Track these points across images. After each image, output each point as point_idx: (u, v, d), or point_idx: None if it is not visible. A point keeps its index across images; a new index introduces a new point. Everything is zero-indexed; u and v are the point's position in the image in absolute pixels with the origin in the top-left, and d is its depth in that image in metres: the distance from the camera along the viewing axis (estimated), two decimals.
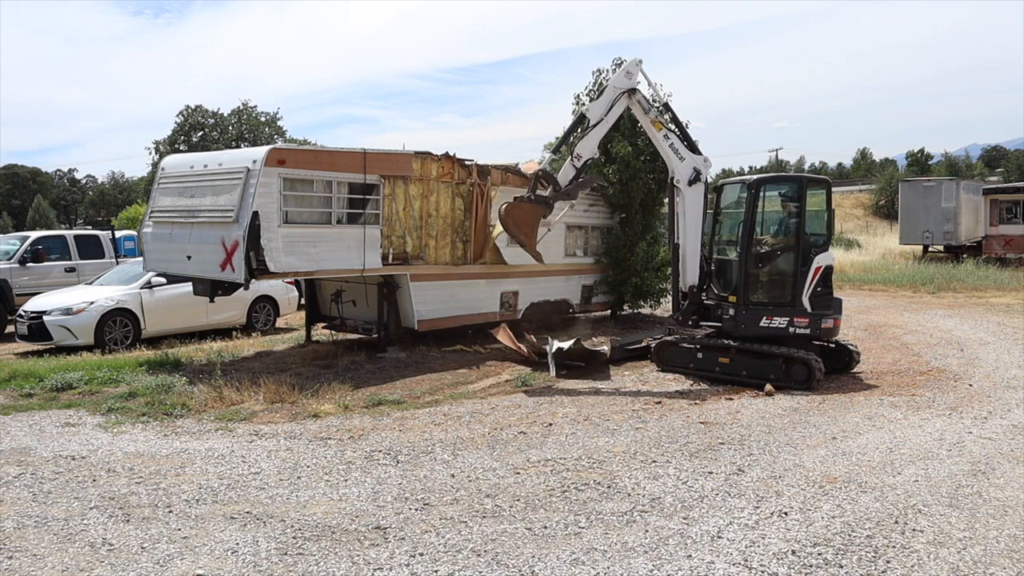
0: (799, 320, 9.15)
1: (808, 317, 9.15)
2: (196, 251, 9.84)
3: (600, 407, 8.15)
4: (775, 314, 9.23)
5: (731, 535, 4.77)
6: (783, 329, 9.16)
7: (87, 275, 15.03)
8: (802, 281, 9.15)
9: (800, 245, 9.22)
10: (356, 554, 4.55)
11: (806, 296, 9.17)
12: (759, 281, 9.53)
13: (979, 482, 5.69)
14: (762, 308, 9.33)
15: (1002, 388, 8.81)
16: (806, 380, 8.87)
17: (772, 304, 9.37)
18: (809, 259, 9.20)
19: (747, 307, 9.32)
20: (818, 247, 9.35)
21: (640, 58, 10.06)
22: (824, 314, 9.19)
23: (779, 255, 9.53)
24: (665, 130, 9.94)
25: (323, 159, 9.87)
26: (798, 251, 9.21)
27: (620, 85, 9.96)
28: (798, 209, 9.31)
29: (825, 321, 9.17)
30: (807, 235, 9.36)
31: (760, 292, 9.52)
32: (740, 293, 9.35)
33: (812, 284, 9.18)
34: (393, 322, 11.08)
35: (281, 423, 7.58)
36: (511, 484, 5.73)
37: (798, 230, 9.26)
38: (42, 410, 8.24)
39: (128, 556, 4.56)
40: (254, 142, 54.58)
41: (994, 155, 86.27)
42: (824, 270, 9.28)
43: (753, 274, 9.46)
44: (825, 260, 9.31)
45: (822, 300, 9.27)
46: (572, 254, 13.51)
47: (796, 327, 9.15)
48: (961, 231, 26.18)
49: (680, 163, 9.85)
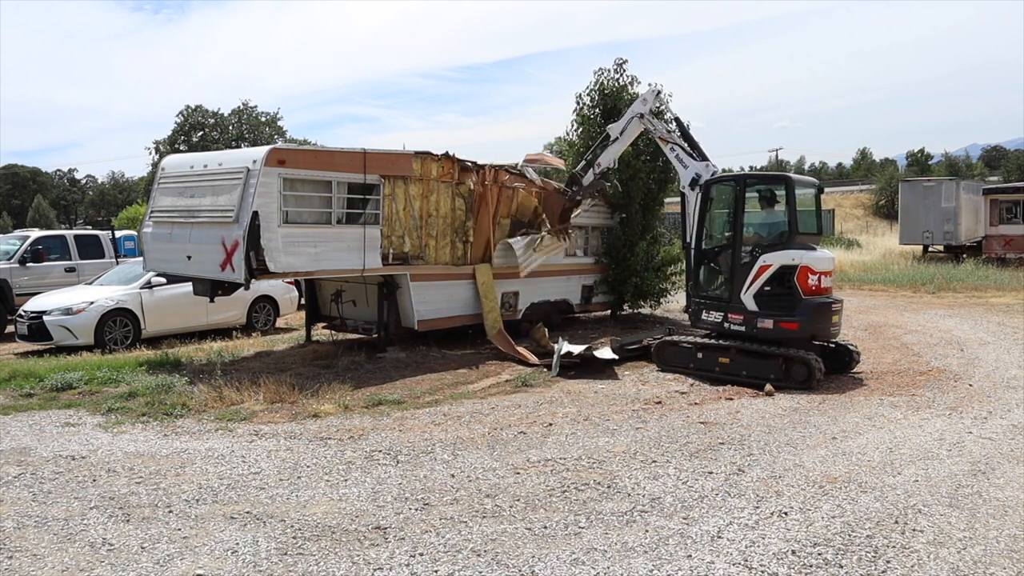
0: (733, 316, 9.53)
1: (743, 315, 9.39)
2: (196, 251, 9.83)
3: (600, 407, 8.15)
4: (712, 308, 9.83)
5: (731, 535, 4.77)
6: (718, 324, 9.69)
7: (87, 275, 15.03)
8: (741, 278, 9.40)
9: (738, 243, 9.55)
10: (356, 554, 4.55)
11: (747, 294, 9.34)
12: (705, 276, 10.21)
13: (979, 482, 5.69)
14: (705, 302, 9.97)
15: (1002, 388, 8.81)
16: (806, 380, 8.88)
17: (712, 299, 9.92)
18: (754, 257, 9.36)
19: (697, 300, 10.08)
20: (765, 246, 9.41)
21: (660, 88, 11.70)
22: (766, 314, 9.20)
23: (719, 253, 10.02)
24: (671, 144, 11.14)
25: (323, 159, 9.87)
26: (736, 249, 9.57)
27: (636, 110, 11.68)
28: (735, 208, 9.74)
29: (762, 321, 9.22)
30: (754, 234, 9.76)
31: (705, 287, 10.15)
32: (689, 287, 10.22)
33: (754, 282, 9.29)
34: (393, 322, 11.08)
35: (281, 423, 7.58)
36: (511, 484, 5.73)
37: (734, 228, 9.73)
38: (42, 410, 8.25)
39: (128, 556, 4.56)
40: (254, 142, 54.61)
41: (994, 155, 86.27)
42: (777, 269, 9.15)
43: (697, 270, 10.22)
44: (776, 259, 9.17)
45: (775, 300, 9.17)
46: (572, 254, 13.51)
47: (731, 323, 9.56)
48: (961, 231, 26.18)
49: (684, 170, 10.87)
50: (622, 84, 13.88)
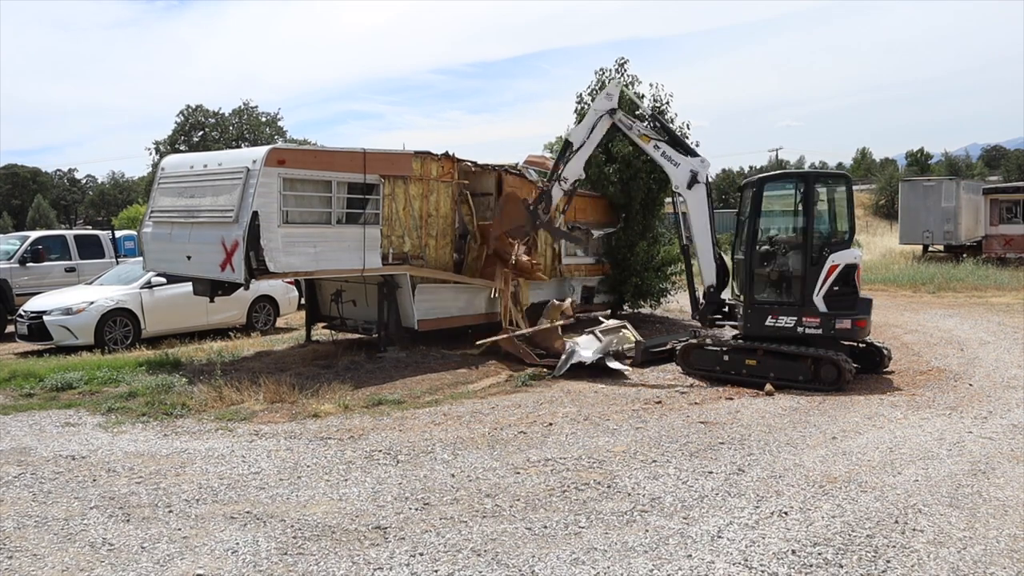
0: (809, 320, 8.99)
1: (819, 317, 8.94)
2: (196, 251, 9.83)
3: (600, 407, 8.15)
4: (781, 313, 9.13)
5: (731, 535, 4.77)
6: (790, 328, 9.05)
7: (87, 275, 15.03)
8: (813, 280, 8.99)
9: (809, 243, 9.05)
10: (356, 554, 4.55)
11: (819, 296, 8.97)
12: (761, 280, 9.43)
13: (979, 482, 5.69)
14: (768, 307, 9.25)
15: (1002, 388, 8.81)
16: (836, 381, 8.74)
17: (778, 303, 9.25)
18: (823, 257, 8.97)
19: (756, 306, 9.29)
20: (833, 245, 9.13)
21: (620, 81, 10.28)
22: (841, 314, 8.89)
23: (782, 254, 9.42)
24: (654, 141, 10.12)
25: (323, 159, 9.87)
26: (807, 249, 9.06)
27: (601, 107, 10.30)
28: (804, 207, 9.17)
29: (840, 321, 8.90)
30: (819, 232, 9.28)
31: (767, 291, 9.43)
32: (746, 292, 9.37)
33: (824, 283, 8.92)
34: (393, 322, 11.07)
35: (281, 423, 7.58)
36: (511, 484, 5.73)
37: (806, 228, 9.13)
38: (42, 410, 8.25)
39: (128, 556, 4.56)
40: (254, 142, 54.57)
41: (994, 155, 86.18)
42: (843, 268, 8.94)
43: (759, 273, 9.40)
44: (842, 259, 8.96)
45: (839, 300, 8.95)
46: (573, 254, 13.50)
47: (806, 327, 8.99)
48: (961, 231, 26.14)
49: (675, 169, 10.02)
50: (623, 84, 13.88)
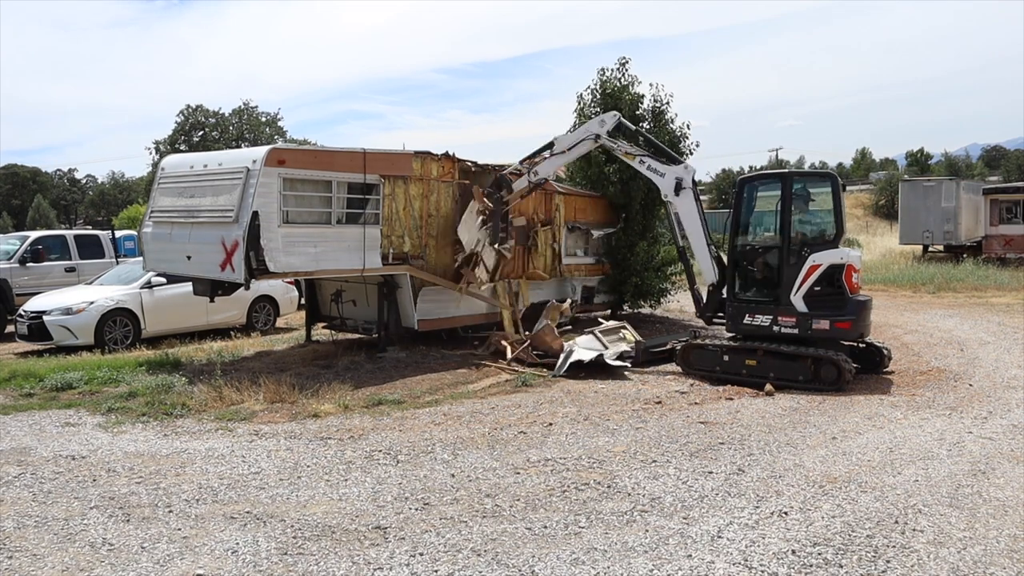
0: (784, 319, 9.13)
1: (795, 316, 9.05)
2: (196, 251, 9.83)
3: (600, 407, 8.15)
4: (757, 311, 9.34)
5: (731, 535, 4.77)
6: (765, 327, 9.24)
7: (87, 275, 15.03)
8: (791, 279, 9.09)
9: (786, 243, 9.16)
10: (356, 554, 4.55)
11: (797, 295, 9.04)
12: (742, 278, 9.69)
13: (979, 482, 5.69)
14: (746, 305, 9.47)
15: (1002, 388, 8.81)
16: (836, 381, 8.75)
17: (755, 302, 9.44)
18: (803, 257, 9.05)
19: (735, 304, 9.54)
20: (815, 245, 9.17)
21: (618, 113, 11.19)
22: (820, 315, 8.94)
23: (760, 253, 9.60)
24: (639, 156, 10.72)
25: (323, 159, 9.87)
26: (785, 249, 9.17)
27: (590, 129, 11.15)
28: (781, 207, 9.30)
29: (818, 322, 8.95)
30: (802, 232, 9.37)
31: (745, 289, 9.66)
32: (728, 290, 9.62)
33: (804, 283, 9.00)
34: (393, 322, 11.07)
35: (281, 423, 7.59)
36: (511, 484, 5.73)
37: (782, 228, 9.25)
38: (42, 410, 8.25)
39: (128, 556, 4.56)
40: (254, 142, 54.56)
41: (994, 155, 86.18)
42: (826, 269, 8.98)
43: (740, 272, 9.65)
44: (826, 259, 9.01)
45: (823, 301, 8.99)
46: (573, 254, 13.50)
47: (782, 326, 9.15)
48: (961, 231, 26.14)
49: (661, 179, 10.48)
50: (624, 84, 13.89)
